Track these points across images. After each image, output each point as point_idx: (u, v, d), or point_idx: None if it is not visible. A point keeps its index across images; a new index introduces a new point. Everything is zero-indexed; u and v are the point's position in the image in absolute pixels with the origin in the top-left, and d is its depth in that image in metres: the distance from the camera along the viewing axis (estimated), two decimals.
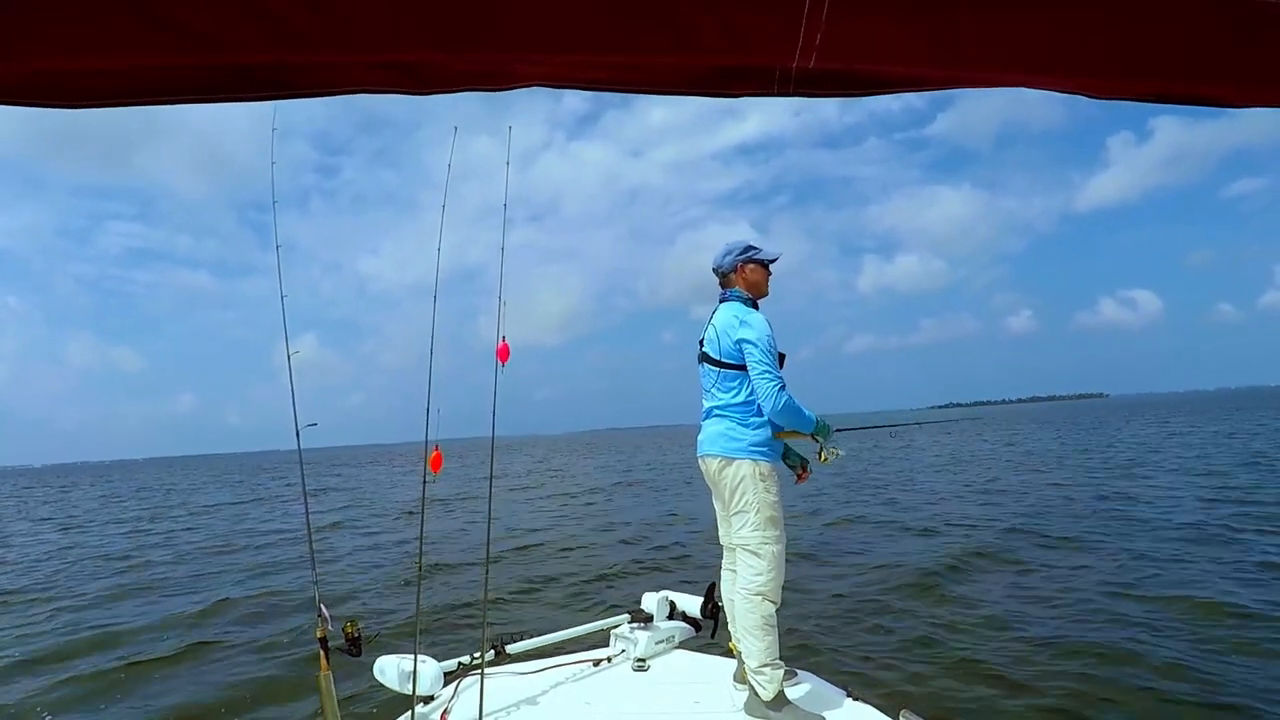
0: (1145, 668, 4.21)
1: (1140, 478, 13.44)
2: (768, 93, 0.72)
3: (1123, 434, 28.55)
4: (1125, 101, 0.85)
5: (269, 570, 8.99)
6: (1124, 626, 4.96)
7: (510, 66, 0.72)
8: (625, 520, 12.03)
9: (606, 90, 0.73)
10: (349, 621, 2.46)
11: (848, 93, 0.74)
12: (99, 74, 0.71)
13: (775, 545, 2.52)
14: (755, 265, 2.72)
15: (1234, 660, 4.26)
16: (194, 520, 16.31)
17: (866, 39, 0.71)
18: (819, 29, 0.66)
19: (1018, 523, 9.23)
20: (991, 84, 0.78)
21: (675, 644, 3.19)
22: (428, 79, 0.74)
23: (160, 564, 10.07)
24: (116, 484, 39.94)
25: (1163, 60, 0.78)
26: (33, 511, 23.06)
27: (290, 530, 12.91)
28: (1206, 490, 11.11)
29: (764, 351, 2.52)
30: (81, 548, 12.52)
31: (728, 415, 2.61)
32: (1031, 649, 4.61)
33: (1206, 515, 8.86)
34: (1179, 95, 0.82)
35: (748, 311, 2.64)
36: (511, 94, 0.76)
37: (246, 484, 31.14)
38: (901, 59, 0.73)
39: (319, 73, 0.74)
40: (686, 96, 0.72)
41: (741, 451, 2.56)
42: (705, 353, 2.69)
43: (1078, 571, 6.61)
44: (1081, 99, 0.83)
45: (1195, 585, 5.84)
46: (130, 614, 7.00)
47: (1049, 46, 0.75)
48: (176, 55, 0.70)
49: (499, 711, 2.55)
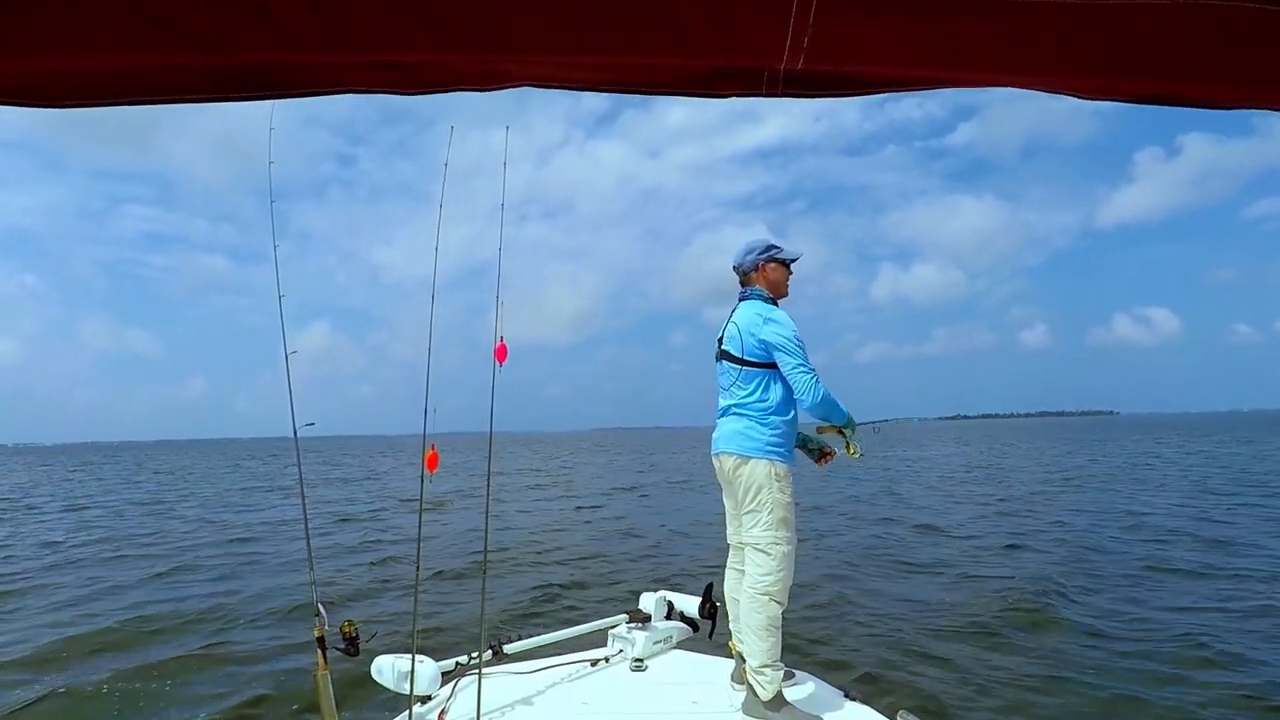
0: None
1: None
2: (756, 93, 0.73)
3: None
4: (1112, 102, 0.86)
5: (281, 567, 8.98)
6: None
7: (504, 66, 0.73)
8: (624, 520, 12.02)
9: (597, 90, 0.74)
10: (346, 621, 2.47)
11: (836, 93, 0.75)
12: (99, 74, 0.72)
13: (786, 546, 2.52)
14: (777, 264, 2.72)
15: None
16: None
17: (854, 40, 0.71)
18: (807, 30, 0.67)
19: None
20: (979, 84, 0.79)
21: (673, 644, 3.19)
22: (425, 79, 0.75)
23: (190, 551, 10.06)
24: (127, 465, 39.66)
25: (1150, 61, 0.79)
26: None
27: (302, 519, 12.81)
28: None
29: (795, 347, 2.52)
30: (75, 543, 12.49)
31: (746, 414, 2.59)
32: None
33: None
34: (1167, 96, 0.83)
35: (771, 309, 2.63)
36: (530, 90, 0.77)
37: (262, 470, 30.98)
38: (889, 60, 0.74)
39: (317, 72, 0.75)
40: (676, 96, 0.73)
41: (758, 450, 2.55)
42: (726, 350, 2.67)
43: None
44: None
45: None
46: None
47: (1036, 47, 0.76)
48: (176, 55, 0.71)
49: (496, 711, 2.55)
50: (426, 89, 0.75)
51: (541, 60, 0.71)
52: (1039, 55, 0.77)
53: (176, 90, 0.75)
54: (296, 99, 0.78)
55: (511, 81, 0.73)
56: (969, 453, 26.13)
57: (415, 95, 0.74)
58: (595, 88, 0.74)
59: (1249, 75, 0.79)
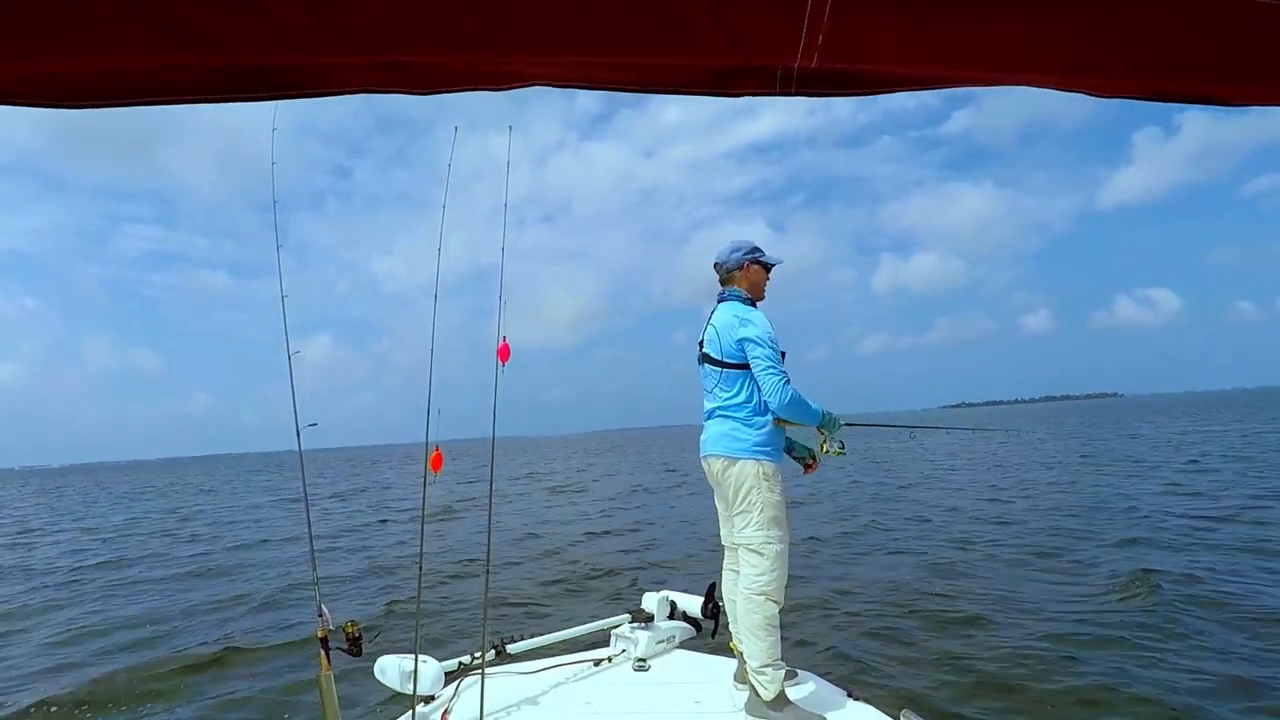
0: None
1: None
2: (769, 92, 0.72)
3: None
4: (1125, 99, 0.85)
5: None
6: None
7: (512, 66, 0.72)
8: (627, 519, 12.03)
9: (608, 89, 0.73)
10: (350, 622, 2.46)
11: (849, 92, 0.74)
12: (99, 74, 0.71)
13: (778, 545, 2.53)
14: (759, 266, 2.75)
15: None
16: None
17: (868, 39, 0.71)
18: (821, 29, 0.66)
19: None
20: (993, 83, 0.78)
21: (676, 644, 3.19)
22: (429, 79, 0.74)
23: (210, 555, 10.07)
24: (130, 484, 39.66)
25: (1162, 59, 0.78)
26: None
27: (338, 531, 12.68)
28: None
29: (767, 348, 2.53)
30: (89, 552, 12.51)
31: (731, 415, 2.61)
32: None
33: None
34: (1178, 94, 0.83)
35: (748, 310, 2.65)
36: (525, 93, 0.76)
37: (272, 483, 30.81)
38: (903, 58, 0.73)
39: (319, 73, 0.74)
40: (688, 96, 0.72)
41: (745, 452, 2.56)
42: (706, 353, 2.69)
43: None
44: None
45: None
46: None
47: (1050, 45, 0.76)
48: (176, 55, 0.70)
49: (499, 711, 2.55)
50: (432, 89, 0.74)
51: (551, 59, 0.70)
52: (1053, 54, 0.77)
53: (176, 90, 0.74)
54: (298, 99, 0.77)
55: (522, 81, 0.72)
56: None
57: (423, 95, 0.73)
58: (607, 87, 0.73)
59: (1257, 72, 0.79)
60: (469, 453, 23.66)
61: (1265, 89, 0.81)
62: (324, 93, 0.73)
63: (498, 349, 2.21)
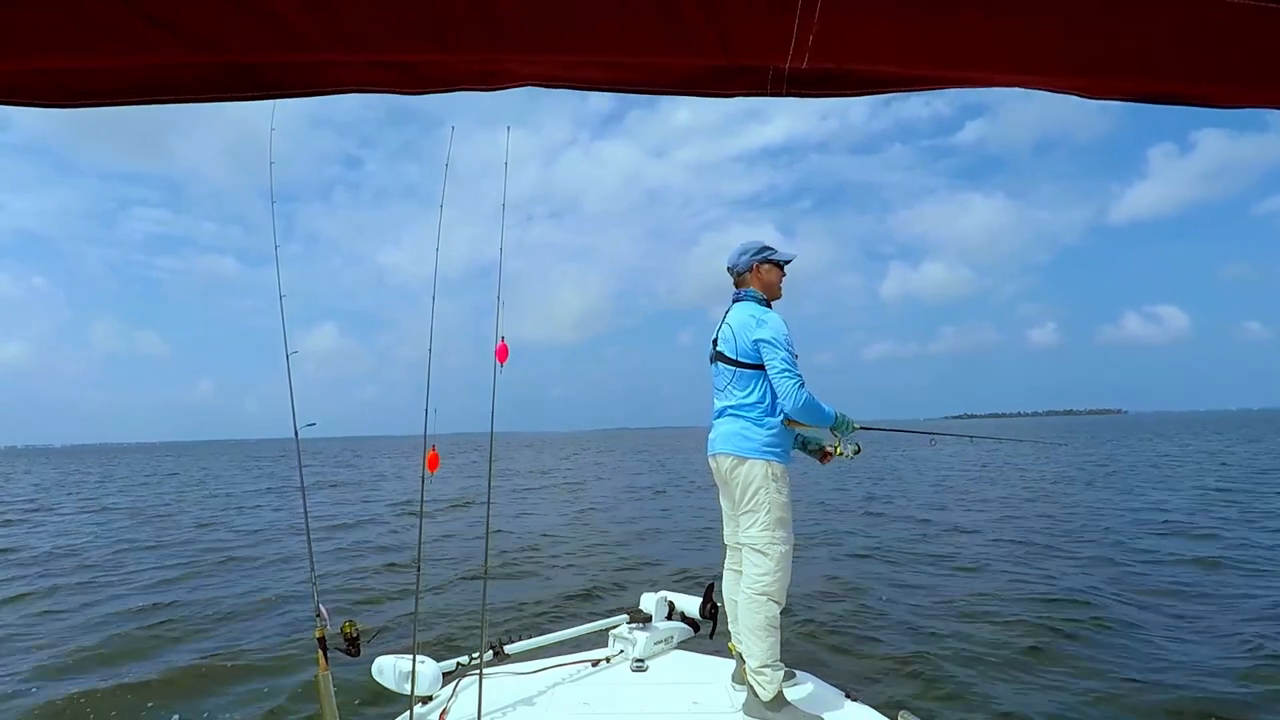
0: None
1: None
2: (761, 93, 0.73)
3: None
4: (1114, 101, 0.86)
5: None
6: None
7: (506, 66, 0.72)
8: (625, 520, 12.02)
9: (598, 89, 0.74)
10: (348, 621, 2.46)
11: (841, 93, 0.75)
12: (99, 74, 0.72)
13: (783, 546, 2.53)
14: (771, 265, 2.74)
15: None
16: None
17: (859, 39, 0.71)
18: (811, 29, 0.67)
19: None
20: (982, 83, 0.79)
21: (674, 644, 3.19)
22: (425, 78, 0.75)
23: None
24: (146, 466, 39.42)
25: (1149, 60, 0.79)
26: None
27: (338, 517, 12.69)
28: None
29: (784, 350, 2.52)
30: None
31: (742, 415, 2.61)
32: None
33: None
34: (1166, 95, 0.83)
35: (764, 311, 2.64)
36: (538, 91, 0.77)
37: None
38: (894, 58, 0.74)
39: (317, 72, 0.75)
40: (679, 96, 0.72)
41: (755, 451, 2.56)
42: (720, 352, 2.69)
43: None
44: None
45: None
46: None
47: (1041, 46, 0.76)
48: (176, 55, 0.70)
49: (497, 712, 2.55)
50: (428, 88, 0.75)
51: (543, 59, 0.71)
52: (1042, 55, 0.77)
53: (176, 90, 0.75)
54: (297, 99, 0.78)
55: (514, 81, 0.73)
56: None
57: (417, 94, 0.73)
58: (598, 87, 0.74)
59: (1248, 74, 0.79)
60: (477, 446, 23.60)
61: (1253, 91, 0.82)
62: (317, 92, 0.74)
63: (495, 350, 2.22)
